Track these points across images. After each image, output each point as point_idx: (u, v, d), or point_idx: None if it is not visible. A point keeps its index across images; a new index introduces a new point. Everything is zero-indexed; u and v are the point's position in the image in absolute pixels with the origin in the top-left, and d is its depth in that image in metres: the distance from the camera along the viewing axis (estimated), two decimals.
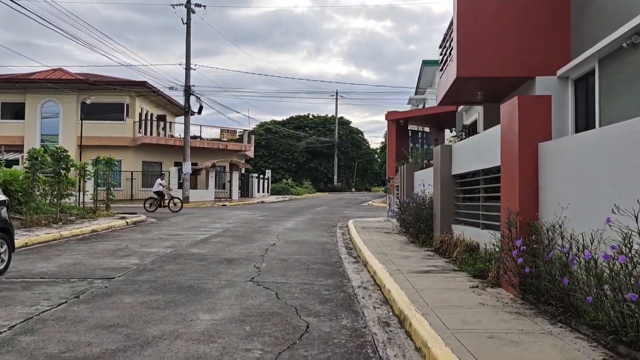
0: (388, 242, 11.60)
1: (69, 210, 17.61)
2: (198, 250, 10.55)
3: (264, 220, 19.12)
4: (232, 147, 39.17)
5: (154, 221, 18.64)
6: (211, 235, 13.60)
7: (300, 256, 10.04)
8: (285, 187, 49.15)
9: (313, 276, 7.94)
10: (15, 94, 34.07)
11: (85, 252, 10.23)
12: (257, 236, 13.63)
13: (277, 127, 66.16)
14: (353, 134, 72.21)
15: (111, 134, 33.95)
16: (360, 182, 73.49)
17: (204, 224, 17.19)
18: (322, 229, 16.00)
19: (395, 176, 16.57)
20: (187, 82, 32.09)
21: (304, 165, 66.35)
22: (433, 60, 34.95)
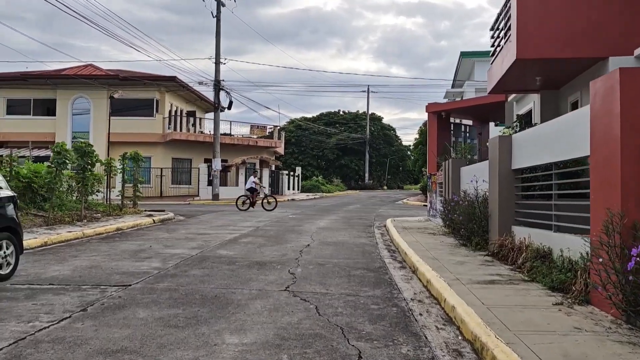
0: (435, 244, 10.45)
1: (95, 207, 16.98)
2: (226, 252, 9.61)
3: (296, 219, 18.14)
4: (262, 144, 38.40)
5: (182, 219, 17.87)
6: (241, 235, 12.68)
7: (338, 260, 9.00)
8: (315, 185, 48.17)
9: (356, 285, 6.88)
10: (46, 90, 33.99)
11: (105, 253, 9.40)
12: (290, 236, 12.64)
13: (307, 123, 65.21)
14: (385, 131, 70.74)
15: (141, 130, 33.56)
16: (392, 180, 71.97)
17: (234, 222, 16.31)
18: (358, 229, 14.92)
19: (438, 173, 15.36)
20: (217, 77, 31.40)
21: (334, 162, 65.24)
22: (471, 52, 33.48)
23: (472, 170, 11.45)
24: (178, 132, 34.34)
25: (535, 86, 11.58)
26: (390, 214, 21.93)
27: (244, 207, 22.47)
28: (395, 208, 27.10)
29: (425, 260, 8.29)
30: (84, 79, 32.18)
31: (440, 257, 8.64)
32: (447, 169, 13.70)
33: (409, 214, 21.38)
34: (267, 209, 22.36)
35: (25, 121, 34.06)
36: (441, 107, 17.06)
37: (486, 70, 32.82)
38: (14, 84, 33.85)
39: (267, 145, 38.85)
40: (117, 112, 34.11)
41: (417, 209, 26.72)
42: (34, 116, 34.46)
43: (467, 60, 32.91)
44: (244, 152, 36.56)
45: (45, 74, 33.69)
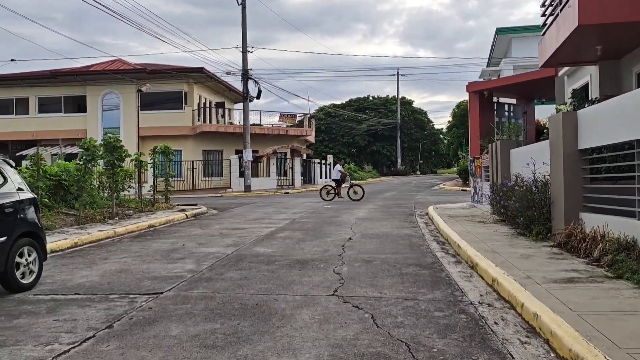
0: (489, 234, 9.58)
1: (127, 203, 16.61)
2: (264, 250, 8.95)
3: (333, 209, 17.42)
4: (293, 133, 37.73)
5: (215, 213, 17.35)
6: (277, 229, 12.02)
7: (386, 255, 8.23)
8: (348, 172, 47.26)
9: (412, 286, 6.12)
10: (76, 87, 33.99)
11: (136, 254, 8.86)
12: (329, 229, 11.93)
13: (336, 109, 64.20)
14: (416, 114, 69.18)
15: (170, 124, 33.27)
16: (425, 165, 70.51)
17: (269, 215, 15.70)
18: (399, 218, 14.10)
19: (483, 156, 14.38)
20: (245, 66, 30.79)
21: (365, 148, 64.18)
22: (508, 28, 31.96)
23: (527, 152, 10.47)
24: (208, 124, 33.94)
25: (595, 57, 10.50)
26: (429, 200, 21.02)
27: (329, 197, 21.45)
28: (433, 194, 26.12)
29: (483, 254, 7.46)
30: (112, 74, 32.00)
31: (499, 250, 7.78)
32: (494, 151, 12.72)
33: (450, 200, 20.41)
34: (354, 198, 21.07)
35: (56, 119, 34.16)
36: (483, 85, 16.00)
37: (523, 46, 31.31)
38: (44, 82, 33.96)
39: (298, 134, 38.17)
40: (146, 106, 33.90)
41: (456, 194, 25.68)
42: (65, 113, 34.55)
43: (503, 37, 31.42)
44: (275, 141, 35.98)
45: (75, 70, 33.67)
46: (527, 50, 30.51)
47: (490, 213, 12.88)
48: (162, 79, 32.83)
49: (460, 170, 33.35)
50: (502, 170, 12.03)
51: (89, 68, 33.83)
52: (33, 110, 34.71)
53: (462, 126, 50.43)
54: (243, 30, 31.01)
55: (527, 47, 30.77)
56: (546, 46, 10.74)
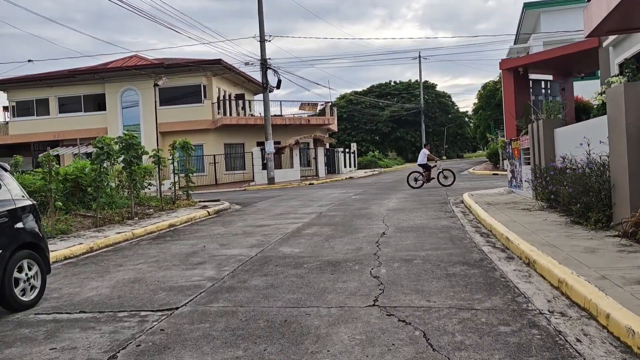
0: (538, 224, 8.64)
1: (147, 202, 16.04)
2: (290, 250, 8.18)
3: (361, 200, 16.59)
4: (315, 122, 36.89)
5: (238, 208, 16.68)
6: (304, 225, 11.25)
7: (426, 252, 7.39)
8: (372, 160, 46.35)
9: (464, 290, 5.27)
10: (95, 85, 33.74)
11: (153, 259, 8.18)
12: (359, 222, 11.11)
13: (358, 96, 63.05)
14: (440, 98, 67.60)
15: (190, 118, 32.77)
16: (451, 149, 68.99)
17: (294, 209, 14.95)
18: (433, 208, 13.20)
19: (522, 137, 13.35)
20: (263, 55, 29.97)
21: (389, 135, 62.98)
22: (536, 2, 30.46)
23: (578, 131, 9.45)
24: (228, 116, 33.33)
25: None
26: (461, 187, 19.99)
27: (417, 184, 20.16)
28: (463, 179, 25.01)
29: (539, 247, 6.56)
30: (129, 69, 31.57)
31: (557, 243, 6.86)
32: (535, 132, 11.70)
33: (483, 186, 19.36)
34: (444, 184, 19.92)
35: (77, 118, 33.98)
36: (518, 62, 14.90)
37: (553, 21, 29.77)
38: (63, 82, 33.76)
39: (320, 123, 37.31)
40: (165, 101, 33.48)
41: (488, 179, 24.55)
42: (85, 112, 34.34)
43: (531, 12, 29.94)
44: (297, 131, 35.22)
45: (92, 69, 33.37)
46: (557, 25, 29.04)
47: (533, 199, 11.89)
48: (180, 73, 32.32)
49: (490, 154, 32.12)
50: (546, 152, 11.02)
51: (106, 65, 33.50)
52: (53, 111, 34.58)
53: (488, 108, 48.86)
54: (260, 18, 30.17)
55: (557, 21, 29.30)
56: (593, 13, 9.64)
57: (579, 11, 29.69)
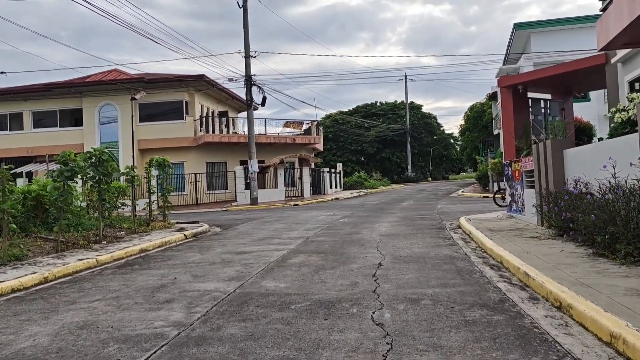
0: (555, 256, 7.64)
1: (118, 224, 14.77)
2: (275, 285, 7.05)
3: (350, 224, 15.52)
4: (300, 141, 35.91)
5: (218, 231, 15.50)
6: (289, 252, 10.13)
7: (434, 289, 6.32)
8: (358, 181, 45.41)
9: (492, 345, 4.21)
10: (72, 100, 32.44)
11: (113, 294, 6.98)
12: (351, 250, 10.02)
13: (345, 116, 62.34)
14: (425, 119, 67.26)
15: (171, 135, 31.61)
16: (436, 171, 68.45)
17: (278, 233, 13.82)
18: (430, 234, 12.18)
19: (524, 159, 12.45)
20: (248, 72, 29.06)
21: (374, 155, 62.23)
22: (526, 23, 30.12)
23: (593, 152, 8.54)
24: (210, 134, 32.19)
25: None
26: (454, 210, 19.08)
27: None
28: (454, 202, 24.15)
29: (570, 287, 5.54)
30: (108, 84, 30.37)
31: (589, 281, 5.85)
32: (542, 153, 10.79)
33: (477, 210, 18.47)
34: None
35: (52, 133, 32.59)
36: (518, 79, 14.09)
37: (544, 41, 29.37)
38: (38, 95, 32.42)
39: (305, 142, 36.34)
40: (146, 118, 32.32)
41: (480, 201, 23.71)
42: (61, 128, 32.97)
43: (522, 32, 29.54)
44: (281, 150, 34.21)
45: (70, 82, 32.12)
46: (547, 46, 28.68)
47: (538, 225, 10.95)
48: (161, 88, 31.23)
49: (479, 176, 31.38)
50: (555, 175, 10.09)
51: (84, 79, 32.29)
52: (28, 125, 33.16)
53: (475, 129, 48.53)
54: (245, 33, 29.34)
55: (547, 42, 28.94)
56: (610, 23, 8.83)
57: (569, 32, 29.42)
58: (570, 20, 29.60)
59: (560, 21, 29.66)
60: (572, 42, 27.90)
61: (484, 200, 24.25)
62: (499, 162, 28.04)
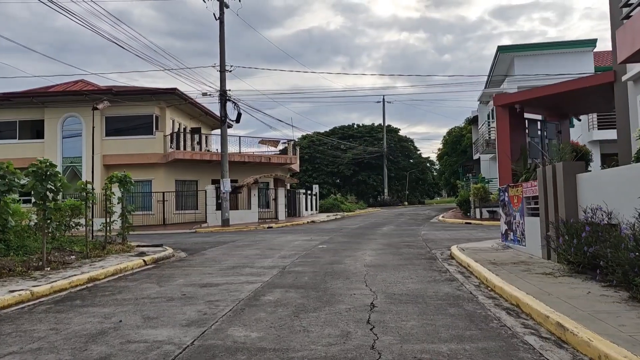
0: (583, 298, 6.37)
1: (68, 246, 13.08)
2: (245, 334, 5.58)
3: (330, 251, 14.10)
4: (276, 160, 34.49)
5: (183, 257, 13.91)
6: (263, 286, 8.66)
7: (448, 345, 4.96)
8: (335, 203, 44.08)
9: None
10: (33, 111, 30.47)
11: (34, 344, 5.41)
12: (335, 284, 8.61)
13: (322, 136, 61.27)
14: (402, 143, 66.67)
15: (140, 151, 29.87)
16: (412, 195, 67.65)
17: (250, 260, 12.32)
18: (421, 265, 10.86)
19: (526, 184, 11.30)
20: (223, 86, 27.67)
21: (350, 178, 61.11)
22: (510, 46, 29.63)
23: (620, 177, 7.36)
24: (181, 150, 30.54)
25: None
26: (439, 237, 17.85)
27: None
28: (437, 228, 22.96)
29: (632, 350, 4.24)
30: (73, 94, 28.58)
31: None
32: (549, 177, 9.63)
33: (462, 237, 17.31)
34: None
35: (10, 146, 30.46)
36: (516, 97, 13.05)
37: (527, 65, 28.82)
38: None
39: (281, 162, 34.94)
40: (113, 132, 30.57)
41: (464, 228, 22.59)
42: (20, 140, 30.89)
43: (505, 55, 29.00)
44: (256, 170, 32.74)
45: (31, 92, 30.18)
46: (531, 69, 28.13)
47: (544, 258, 9.74)
48: (130, 101, 29.55)
49: (461, 201, 30.39)
50: (567, 203, 8.92)
51: (48, 89, 30.41)
52: None
53: (454, 154, 47.93)
54: (221, 47, 28.04)
55: (531, 66, 28.44)
56: (634, 33, 7.76)
57: (552, 57, 28.97)
58: (554, 45, 29.22)
59: (543, 45, 29.24)
60: (554, 67, 27.46)
61: (467, 227, 23.15)
62: (482, 188, 27.12)
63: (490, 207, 26.94)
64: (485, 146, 30.04)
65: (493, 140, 30.13)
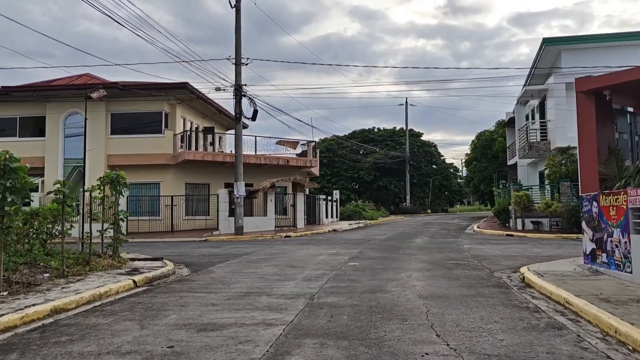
0: None
1: (43, 261, 10.57)
2: None
3: (365, 271, 11.41)
4: (295, 163, 31.89)
5: (184, 275, 11.34)
6: (286, 331, 6.03)
7: None
8: (356, 211, 41.27)
9: None
10: (34, 106, 28.27)
11: None
12: (391, 333, 5.94)
13: (342, 139, 58.46)
14: (425, 147, 63.62)
15: (147, 151, 27.50)
16: (435, 202, 64.48)
17: (267, 283, 9.70)
18: (494, 296, 8.14)
19: (631, 192, 8.52)
20: (238, 80, 25.18)
21: (371, 184, 58.17)
22: (557, 38, 26.70)
23: None
24: (192, 151, 28.08)
25: None
26: (489, 253, 15.09)
27: None
28: (479, 241, 20.13)
29: None
30: (75, 89, 26.32)
31: None
32: None
33: (519, 253, 14.60)
34: None
35: (10, 144, 28.03)
36: (606, 81, 10.26)
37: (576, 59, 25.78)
38: None
39: (300, 165, 32.34)
40: (119, 130, 28.25)
41: (511, 242, 19.74)
42: (20, 138, 28.70)
43: (551, 48, 26.13)
44: (272, 173, 30.15)
45: (32, 86, 28.00)
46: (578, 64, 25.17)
47: None
48: (138, 96, 27.23)
49: (498, 210, 27.46)
50: None
51: (50, 83, 28.21)
52: None
53: (484, 159, 44.87)
54: (237, 38, 25.57)
55: (578, 59, 25.49)
56: None
57: (601, 50, 26.03)
58: (604, 38, 26.29)
59: (592, 38, 26.35)
60: (603, 60, 24.52)
61: (513, 240, 20.32)
62: (525, 196, 24.25)
63: (535, 217, 24.03)
64: (528, 149, 27.10)
65: (536, 143, 27.21)
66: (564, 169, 23.56)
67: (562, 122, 24.62)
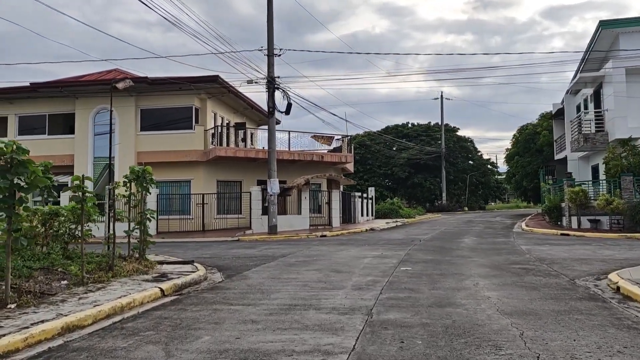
0: None
1: (62, 266, 9.47)
2: None
3: (422, 277, 9.96)
4: (329, 159, 30.49)
5: (217, 282, 10.09)
6: None
7: None
8: (392, 209, 39.66)
9: None
10: (63, 103, 27.63)
11: None
12: None
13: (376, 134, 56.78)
14: (461, 143, 61.37)
15: (177, 147, 26.52)
16: (472, 199, 62.14)
17: (313, 293, 8.36)
18: (595, 313, 6.64)
19: None
20: (271, 72, 23.96)
21: (405, 180, 56.33)
22: (614, 20, 24.63)
23: None
24: (224, 147, 26.99)
25: None
26: (555, 255, 13.47)
27: None
28: (535, 241, 18.42)
29: None
30: (104, 84, 25.50)
31: None
32: None
33: (587, 255, 13.02)
34: None
35: (40, 142, 27.53)
36: None
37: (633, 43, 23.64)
38: (24, 97, 27.71)
39: (335, 161, 30.94)
40: (148, 126, 27.38)
41: (570, 241, 17.98)
42: (49, 135, 28.09)
43: (608, 31, 24.08)
44: (306, 170, 28.86)
45: (60, 82, 27.38)
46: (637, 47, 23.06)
47: None
48: (167, 91, 26.30)
49: (550, 207, 25.53)
50: None
51: (78, 79, 27.52)
52: (12, 132, 28.36)
53: (526, 154, 42.65)
54: (269, 28, 24.34)
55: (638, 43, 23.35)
56: None
57: None
58: None
59: None
60: None
61: (571, 240, 18.58)
62: (581, 192, 22.36)
63: (592, 215, 22.10)
64: (583, 142, 25.08)
65: (591, 135, 25.17)
66: (626, 162, 21.56)
67: (622, 112, 22.60)
